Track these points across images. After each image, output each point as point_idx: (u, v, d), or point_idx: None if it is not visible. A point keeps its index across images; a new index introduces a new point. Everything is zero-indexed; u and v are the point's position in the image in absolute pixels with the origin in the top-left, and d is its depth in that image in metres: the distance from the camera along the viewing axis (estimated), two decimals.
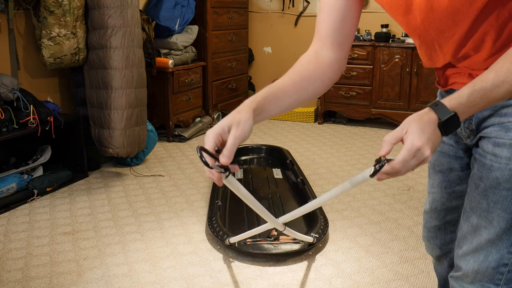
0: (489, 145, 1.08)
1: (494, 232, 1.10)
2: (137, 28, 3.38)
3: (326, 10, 1.09)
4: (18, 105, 3.03)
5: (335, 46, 1.09)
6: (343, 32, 1.09)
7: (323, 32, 1.09)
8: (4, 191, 2.95)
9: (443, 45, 1.07)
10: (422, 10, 1.01)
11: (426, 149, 0.86)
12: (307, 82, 1.07)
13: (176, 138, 4.46)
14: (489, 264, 1.11)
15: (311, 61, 1.09)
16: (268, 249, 2.32)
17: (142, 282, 2.19)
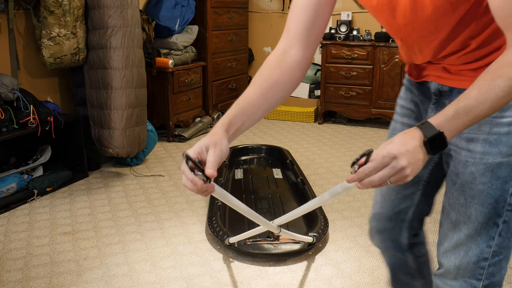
0: (462, 142, 1.10)
1: (473, 227, 1.12)
2: (137, 28, 3.38)
3: (299, 8, 1.09)
4: (18, 105, 3.03)
5: (305, 45, 1.09)
6: (314, 32, 1.10)
7: (295, 30, 1.09)
8: (4, 191, 2.95)
9: (423, 48, 1.12)
10: (407, 16, 1.04)
11: (402, 159, 0.85)
12: (275, 88, 1.07)
13: (176, 138, 4.46)
14: (470, 259, 1.13)
15: (279, 63, 1.08)
16: (268, 249, 2.32)
17: (142, 282, 2.19)
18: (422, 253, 1.50)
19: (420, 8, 1.01)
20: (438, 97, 1.18)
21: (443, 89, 1.16)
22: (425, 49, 1.11)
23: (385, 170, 0.86)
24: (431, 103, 1.21)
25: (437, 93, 1.18)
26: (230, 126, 0.99)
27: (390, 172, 0.86)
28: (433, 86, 1.18)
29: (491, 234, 1.11)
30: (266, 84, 1.06)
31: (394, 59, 4.62)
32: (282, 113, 5.32)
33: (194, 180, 0.90)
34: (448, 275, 1.18)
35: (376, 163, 0.86)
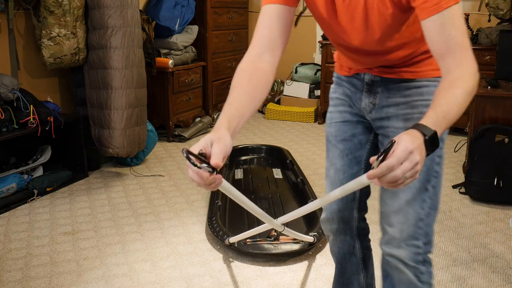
0: (399, 122, 1.35)
1: (410, 193, 1.32)
2: (137, 28, 3.38)
3: (269, 17, 1.22)
4: (18, 105, 3.03)
5: (274, 51, 1.22)
6: (281, 40, 1.22)
7: (265, 39, 1.21)
8: (4, 191, 2.95)
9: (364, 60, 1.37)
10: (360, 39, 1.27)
11: (417, 154, 0.90)
12: (258, 89, 1.15)
13: (176, 138, 4.46)
14: (410, 222, 1.32)
15: (256, 69, 1.18)
16: (268, 249, 2.32)
17: (142, 282, 2.19)
18: (367, 245, 1.67)
19: (370, 33, 1.24)
20: (370, 86, 1.41)
21: (375, 79, 1.39)
22: (369, 59, 1.35)
23: (405, 164, 0.89)
24: (364, 91, 1.43)
25: (369, 83, 1.41)
26: (230, 126, 1.03)
27: (409, 166, 0.89)
28: (367, 77, 1.41)
29: (423, 198, 1.32)
30: (250, 86, 1.14)
31: None
32: (282, 113, 5.32)
33: (200, 172, 0.91)
34: (393, 241, 1.35)
35: (398, 157, 0.89)
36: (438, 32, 1.09)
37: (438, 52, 1.11)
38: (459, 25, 1.09)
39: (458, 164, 3.75)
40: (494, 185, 2.93)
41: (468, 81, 1.06)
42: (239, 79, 1.16)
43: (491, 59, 4.18)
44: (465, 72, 1.08)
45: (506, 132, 2.91)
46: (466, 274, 2.24)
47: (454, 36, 1.08)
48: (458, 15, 1.10)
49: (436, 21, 1.08)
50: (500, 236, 2.61)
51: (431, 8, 1.09)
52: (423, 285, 1.38)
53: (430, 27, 1.10)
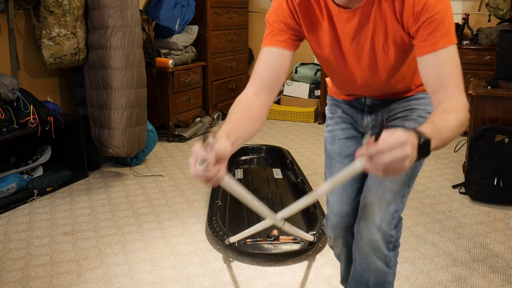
0: (398, 122, 1.44)
1: (396, 183, 1.40)
2: (137, 28, 3.37)
3: (270, 61, 1.29)
4: (18, 105, 3.03)
5: (269, 92, 1.28)
6: (278, 84, 1.29)
7: (262, 80, 1.28)
8: (4, 191, 2.95)
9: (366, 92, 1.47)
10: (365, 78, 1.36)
11: (409, 147, 0.90)
12: (253, 118, 1.23)
13: (176, 138, 4.46)
14: (390, 211, 1.41)
15: (253, 102, 1.25)
16: (268, 249, 2.32)
17: (142, 282, 2.19)
18: None
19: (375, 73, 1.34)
20: (371, 107, 1.50)
21: (376, 102, 1.49)
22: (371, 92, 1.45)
23: (396, 151, 0.89)
24: (364, 112, 1.51)
25: (370, 105, 1.50)
26: (228, 137, 1.08)
27: (399, 156, 0.89)
28: (368, 100, 1.50)
29: (404, 192, 1.42)
30: (248, 114, 1.22)
31: None
32: (282, 113, 5.32)
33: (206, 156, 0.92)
34: (372, 227, 1.42)
35: (390, 143, 0.89)
36: (433, 70, 1.14)
37: (432, 87, 1.16)
38: (454, 65, 1.14)
39: (458, 164, 3.75)
40: (494, 185, 2.93)
41: (460, 113, 1.09)
42: (237, 107, 1.23)
43: (491, 59, 4.19)
44: (458, 105, 1.11)
45: (506, 132, 2.90)
46: (466, 274, 2.24)
47: (448, 74, 1.13)
48: (454, 55, 1.15)
49: (431, 60, 1.14)
50: (500, 236, 2.61)
51: (428, 47, 1.14)
52: (390, 269, 1.49)
53: (425, 65, 1.16)
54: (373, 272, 1.48)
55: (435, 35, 1.13)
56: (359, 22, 1.24)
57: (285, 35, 1.28)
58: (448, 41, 1.13)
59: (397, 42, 1.24)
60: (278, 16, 1.29)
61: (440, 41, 1.13)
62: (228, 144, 1.01)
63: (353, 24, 1.25)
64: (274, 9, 1.31)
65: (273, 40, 1.29)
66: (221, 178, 0.98)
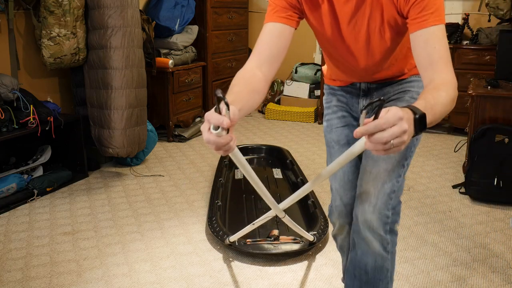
0: (391, 102, 1.49)
1: (390, 163, 1.43)
2: (137, 28, 3.37)
3: (270, 35, 1.31)
4: (18, 105, 3.03)
5: (271, 65, 1.30)
6: (278, 58, 1.31)
7: (264, 53, 1.30)
8: (4, 191, 2.95)
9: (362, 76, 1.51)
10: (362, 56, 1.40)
11: (405, 122, 0.91)
12: (255, 91, 1.23)
13: (176, 138, 4.46)
14: (385, 191, 1.43)
15: (253, 76, 1.26)
16: (268, 249, 2.32)
17: (142, 282, 2.19)
18: None
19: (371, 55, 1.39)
20: (366, 91, 1.54)
21: (371, 86, 1.54)
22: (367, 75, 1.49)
23: (394, 128, 0.90)
24: (360, 96, 1.56)
25: (365, 89, 1.55)
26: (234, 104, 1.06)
27: (397, 131, 0.90)
28: (363, 85, 1.54)
29: (399, 172, 1.45)
30: (249, 87, 1.22)
31: None
32: (282, 113, 5.32)
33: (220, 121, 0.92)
34: (368, 208, 1.44)
35: (387, 119, 0.90)
36: (423, 45, 1.21)
37: (422, 63, 1.21)
38: (443, 42, 1.21)
39: (458, 164, 3.75)
40: (494, 185, 2.93)
41: (450, 89, 1.14)
42: (239, 80, 1.23)
43: (491, 59, 4.18)
44: (447, 81, 1.16)
45: (506, 132, 2.90)
46: (466, 274, 2.24)
47: (437, 51, 1.19)
48: (443, 34, 1.21)
49: (422, 36, 1.21)
50: (500, 236, 2.61)
51: (419, 24, 1.21)
52: (388, 254, 1.49)
53: (416, 41, 1.22)
54: (371, 255, 1.49)
55: (425, 13, 1.20)
56: (357, 4, 1.30)
57: (287, 12, 1.32)
58: (438, 20, 1.20)
59: (392, 25, 1.30)
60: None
61: (430, 19, 1.20)
62: (237, 111, 1.00)
63: (350, 6, 1.30)
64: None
65: (275, 16, 1.32)
66: (232, 147, 0.97)
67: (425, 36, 1.20)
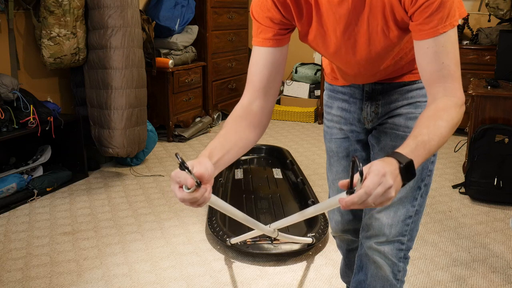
0: (401, 120, 1.33)
1: (404, 191, 1.31)
2: (137, 28, 3.37)
3: (260, 64, 1.20)
4: (18, 105, 3.03)
5: (267, 95, 1.21)
6: (274, 84, 1.21)
7: (257, 84, 1.20)
8: (4, 191, 2.95)
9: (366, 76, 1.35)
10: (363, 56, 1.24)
11: (390, 178, 0.87)
12: (248, 129, 1.18)
13: (176, 138, 4.46)
14: (399, 218, 1.32)
15: (248, 113, 1.19)
16: (268, 249, 2.32)
17: (142, 282, 2.19)
18: None
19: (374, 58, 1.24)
20: (370, 94, 1.39)
21: (376, 87, 1.37)
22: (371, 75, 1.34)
23: (378, 189, 0.86)
24: (364, 100, 1.40)
25: (369, 91, 1.39)
26: (211, 156, 1.04)
27: (381, 191, 0.86)
28: (366, 86, 1.39)
29: (415, 195, 1.33)
30: (240, 127, 1.16)
31: None
32: (282, 113, 5.32)
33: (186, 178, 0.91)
34: (379, 236, 1.33)
35: (369, 186, 0.86)
36: (430, 59, 1.07)
37: (428, 79, 1.09)
38: (452, 54, 1.07)
39: (458, 164, 3.75)
40: (494, 185, 2.93)
41: (453, 114, 1.04)
42: (229, 119, 1.18)
43: (491, 59, 4.19)
44: (452, 104, 1.05)
45: (506, 132, 2.90)
46: (466, 274, 2.24)
47: (446, 66, 1.06)
48: (454, 40, 1.07)
49: (430, 47, 1.06)
50: (500, 236, 2.61)
51: (426, 32, 1.06)
52: (398, 282, 1.37)
53: (423, 52, 1.08)
54: (380, 280, 1.37)
55: (434, 17, 1.03)
56: (353, 5, 1.12)
57: (272, 31, 1.18)
58: (448, 24, 1.04)
59: (398, 23, 1.12)
60: (262, 10, 1.17)
61: (439, 25, 1.04)
62: (209, 165, 0.96)
63: (346, 7, 1.13)
64: (258, 4, 1.19)
65: (260, 38, 1.19)
66: (207, 197, 0.96)
67: (433, 49, 1.06)
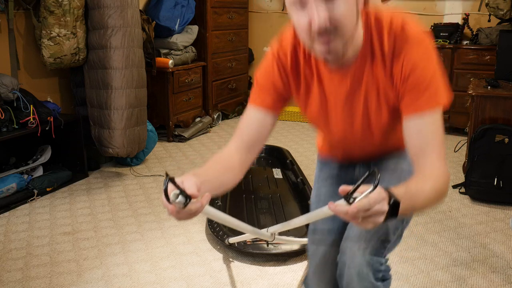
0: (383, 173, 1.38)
1: None
2: (137, 28, 3.37)
3: (253, 122, 1.29)
4: (18, 105, 3.03)
5: (249, 151, 1.28)
6: (258, 145, 1.29)
7: (244, 138, 1.29)
8: (4, 191, 2.95)
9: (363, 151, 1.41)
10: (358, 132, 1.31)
11: (386, 204, 0.90)
12: (226, 171, 1.23)
13: (176, 138, 4.46)
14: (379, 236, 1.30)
15: (231, 158, 1.26)
16: (268, 249, 2.32)
17: (142, 282, 2.19)
18: None
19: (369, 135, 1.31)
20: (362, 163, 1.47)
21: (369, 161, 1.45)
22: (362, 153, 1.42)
23: (378, 206, 0.89)
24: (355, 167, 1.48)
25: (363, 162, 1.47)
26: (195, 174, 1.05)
27: (379, 210, 0.89)
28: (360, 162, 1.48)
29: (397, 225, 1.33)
30: (222, 165, 1.23)
31: None
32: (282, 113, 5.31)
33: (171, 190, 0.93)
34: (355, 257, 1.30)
35: (376, 199, 0.89)
36: (416, 135, 1.13)
37: (414, 152, 1.15)
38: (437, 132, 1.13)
39: (458, 164, 3.75)
40: (494, 185, 2.93)
41: (438, 182, 1.08)
42: (214, 158, 1.25)
43: (491, 59, 4.18)
44: (438, 174, 1.10)
45: (506, 132, 2.90)
46: (466, 274, 2.24)
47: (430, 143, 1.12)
48: (439, 120, 1.13)
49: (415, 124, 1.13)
50: (500, 236, 2.61)
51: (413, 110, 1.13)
52: None
53: (409, 127, 1.15)
54: None
55: (422, 97, 1.12)
56: (352, 84, 1.21)
57: (271, 96, 1.28)
58: (435, 104, 1.12)
59: (389, 102, 1.21)
60: (267, 75, 1.29)
61: (426, 105, 1.12)
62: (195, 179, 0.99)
63: (345, 87, 1.22)
64: (263, 67, 1.30)
65: (259, 99, 1.29)
66: (200, 208, 0.98)
67: (418, 126, 1.13)
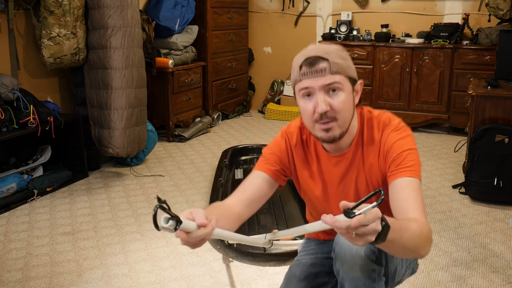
0: None
1: None
2: (137, 28, 3.37)
3: (257, 183, 1.42)
4: (18, 105, 3.03)
5: (249, 207, 1.39)
6: (257, 204, 1.41)
7: (247, 193, 1.40)
8: (4, 191, 2.95)
9: None
10: None
11: (379, 224, 0.95)
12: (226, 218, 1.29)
13: (176, 138, 4.46)
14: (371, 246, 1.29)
15: (232, 209, 1.35)
16: (268, 249, 2.32)
17: (142, 282, 2.19)
18: None
19: None
20: None
21: None
22: None
23: (374, 224, 0.93)
24: None
25: None
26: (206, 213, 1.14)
27: (373, 229, 0.93)
28: None
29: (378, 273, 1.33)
30: (223, 212, 1.31)
31: (394, 59, 4.62)
32: (282, 113, 5.31)
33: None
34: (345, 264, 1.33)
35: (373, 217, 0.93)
36: (399, 191, 1.25)
37: (397, 208, 1.24)
38: (418, 193, 1.25)
39: (458, 164, 3.75)
40: (494, 185, 2.93)
41: (424, 228, 1.15)
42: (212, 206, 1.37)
43: (491, 59, 4.18)
44: (423, 222, 1.18)
45: (506, 132, 2.90)
46: (466, 274, 2.24)
47: (412, 198, 1.23)
48: (418, 186, 1.26)
49: (398, 185, 1.26)
50: (500, 236, 2.61)
51: (396, 174, 1.27)
52: None
53: (393, 189, 1.27)
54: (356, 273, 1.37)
55: (402, 167, 1.28)
56: (345, 167, 1.38)
57: (276, 166, 1.44)
58: (414, 174, 1.26)
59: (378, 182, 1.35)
60: (275, 151, 1.46)
61: (406, 171, 1.27)
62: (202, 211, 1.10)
63: (340, 169, 1.39)
64: (272, 145, 1.48)
65: (265, 167, 1.44)
66: (210, 231, 1.06)
67: (401, 184, 1.25)
